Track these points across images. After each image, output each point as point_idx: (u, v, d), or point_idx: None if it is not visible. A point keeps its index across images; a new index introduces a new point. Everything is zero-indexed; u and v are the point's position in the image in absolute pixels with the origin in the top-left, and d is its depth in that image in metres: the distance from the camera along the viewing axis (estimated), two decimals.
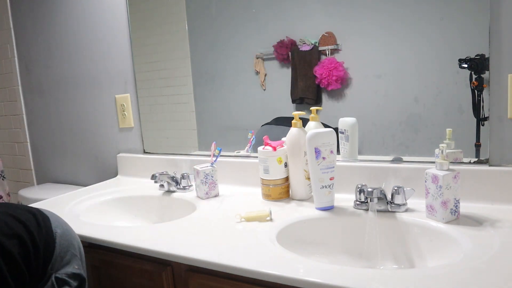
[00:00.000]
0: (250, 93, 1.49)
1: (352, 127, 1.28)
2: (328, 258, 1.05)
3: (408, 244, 1.01)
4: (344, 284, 0.74)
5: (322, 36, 1.33)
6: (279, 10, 1.39)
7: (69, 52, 1.94)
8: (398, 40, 1.21)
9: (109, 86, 1.83)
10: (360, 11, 1.25)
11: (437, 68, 1.16)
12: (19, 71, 2.17)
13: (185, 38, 1.60)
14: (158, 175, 1.46)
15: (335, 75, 1.31)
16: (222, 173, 1.46)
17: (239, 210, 1.17)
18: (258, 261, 0.86)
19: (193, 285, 0.96)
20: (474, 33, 1.10)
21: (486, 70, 1.08)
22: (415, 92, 1.20)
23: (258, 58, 1.46)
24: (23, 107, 2.21)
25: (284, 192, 1.27)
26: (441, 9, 1.13)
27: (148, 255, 1.00)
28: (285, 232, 1.04)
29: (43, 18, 2.00)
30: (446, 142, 1.14)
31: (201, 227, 1.10)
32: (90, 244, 1.13)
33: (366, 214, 1.08)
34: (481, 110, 1.10)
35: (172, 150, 1.70)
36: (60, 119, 2.06)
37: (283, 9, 1.37)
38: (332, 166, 1.12)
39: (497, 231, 0.91)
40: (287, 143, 1.24)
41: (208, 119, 1.62)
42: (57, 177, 2.15)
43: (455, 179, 0.98)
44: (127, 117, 1.80)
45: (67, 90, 2.00)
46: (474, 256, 0.81)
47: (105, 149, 1.91)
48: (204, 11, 1.54)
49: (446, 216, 0.98)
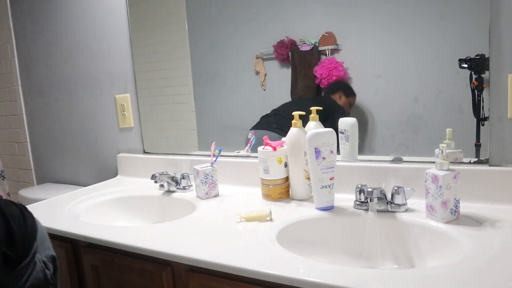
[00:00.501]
0: (250, 93, 1.49)
1: (352, 127, 1.28)
2: (328, 258, 1.05)
3: (408, 244, 1.01)
4: (344, 284, 0.74)
5: (322, 36, 1.33)
6: (279, 10, 1.39)
7: (69, 52, 1.94)
8: (398, 40, 1.21)
9: (109, 86, 1.83)
10: (360, 11, 1.25)
11: (437, 68, 1.16)
12: (19, 71, 2.17)
13: (185, 38, 1.60)
14: (158, 175, 1.46)
15: (335, 75, 1.31)
16: (222, 173, 1.46)
17: (239, 210, 1.17)
18: (258, 261, 0.86)
19: (193, 285, 0.96)
20: (474, 33, 1.10)
21: (486, 70, 1.08)
22: (415, 92, 1.20)
23: (258, 58, 1.46)
24: (23, 107, 2.21)
25: (284, 192, 1.27)
26: (441, 9, 1.13)
27: (148, 255, 1.00)
28: (285, 232, 1.04)
29: (43, 18, 2.00)
30: (446, 142, 1.14)
31: (201, 227, 1.10)
32: (90, 244, 1.13)
33: (366, 214, 1.08)
34: (481, 110, 1.10)
35: (172, 150, 1.70)
36: (60, 119, 2.06)
37: (283, 9, 1.37)
38: (332, 166, 1.12)
39: (497, 231, 0.91)
40: (287, 143, 1.24)
41: (208, 119, 1.62)
42: (57, 177, 2.15)
43: (455, 179, 0.98)
44: (127, 117, 1.80)
45: (67, 90, 2.00)
46: (474, 256, 0.81)
47: (105, 149, 1.91)
48: (204, 11, 1.54)
49: (446, 216, 0.98)
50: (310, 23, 1.35)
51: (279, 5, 1.38)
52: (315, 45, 1.34)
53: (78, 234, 1.13)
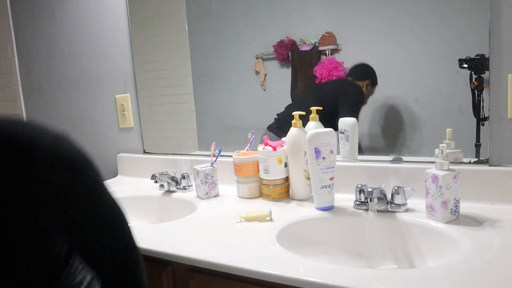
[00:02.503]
0: (250, 93, 1.49)
1: (352, 127, 1.28)
2: (328, 258, 1.05)
3: (408, 244, 1.01)
4: (344, 284, 0.74)
5: (322, 36, 1.33)
6: (279, 10, 1.39)
7: (69, 52, 1.94)
8: (398, 40, 1.21)
9: (109, 86, 1.83)
10: (360, 11, 1.25)
11: (437, 68, 1.16)
12: (19, 71, 2.17)
13: (185, 38, 1.60)
14: (158, 175, 1.46)
15: (335, 75, 1.31)
16: (222, 173, 1.46)
17: (239, 210, 1.17)
18: (258, 261, 0.86)
19: (193, 285, 0.96)
20: (474, 33, 1.10)
21: (486, 70, 1.08)
22: (415, 92, 1.20)
23: (258, 58, 1.46)
24: (23, 107, 2.21)
25: (284, 192, 1.27)
26: (441, 9, 1.14)
27: (148, 255, 1.00)
28: (285, 232, 1.04)
29: (43, 18, 2.00)
30: (446, 142, 1.14)
31: (201, 227, 1.10)
32: None
33: (366, 214, 1.08)
34: (481, 110, 1.10)
35: (172, 150, 1.70)
36: (60, 119, 2.06)
37: (283, 9, 1.38)
38: (332, 166, 1.12)
39: (497, 231, 0.91)
40: (287, 143, 1.24)
41: (208, 119, 1.62)
42: None
43: (455, 179, 0.98)
44: (127, 117, 1.80)
45: (67, 90, 2.00)
46: (474, 256, 0.81)
47: (105, 149, 1.91)
48: (205, 11, 1.54)
49: (446, 216, 0.98)
50: (310, 23, 1.35)
51: (279, 5, 1.38)
52: (315, 45, 1.34)
53: None
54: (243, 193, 1.32)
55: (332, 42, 1.31)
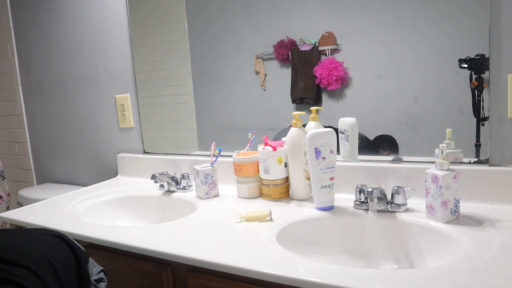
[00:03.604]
0: (250, 93, 1.49)
1: (352, 127, 1.28)
2: (328, 258, 1.05)
3: (408, 244, 1.01)
4: (344, 284, 0.74)
5: (322, 36, 1.33)
6: (279, 10, 1.39)
7: (69, 52, 1.94)
8: (398, 40, 1.21)
9: (109, 86, 1.83)
10: (360, 11, 1.25)
11: (437, 68, 1.16)
12: (19, 71, 2.17)
13: (185, 38, 1.60)
14: (158, 175, 1.46)
15: (335, 75, 1.31)
16: (222, 173, 1.46)
17: (239, 210, 1.17)
18: (258, 261, 0.86)
19: (193, 285, 0.96)
20: (474, 33, 1.10)
21: (486, 70, 1.08)
22: (415, 92, 1.20)
23: (258, 58, 1.46)
24: (23, 107, 2.21)
25: (284, 192, 1.27)
26: (441, 9, 1.13)
27: (148, 255, 1.00)
28: (285, 232, 1.04)
29: (43, 18, 2.00)
30: (446, 142, 1.14)
31: (201, 227, 1.10)
32: (90, 244, 1.13)
33: (366, 214, 1.08)
34: (481, 110, 1.10)
35: (172, 150, 1.70)
36: (60, 119, 2.06)
37: (283, 9, 1.37)
38: (332, 166, 1.12)
39: (497, 231, 0.91)
40: (287, 143, 1.24)
41: (208, 119, 1.62)
42: (57, 177, 2.15)
43: (455, 179, 0.98)
44: (127, 117, 1.80)
45: (67, 90, 2.00)
46: (474, 256, 0.81)
47: (105, 149, 1.91)
48: (204, 11, 1.54)
49: (446, 216, 0.98)
50: (310, 23, 1.35)
51: (279, 5, 1.38)
52: (315, 45, 1.34)
53: (78, 234, 1.13)
54: (243, 193, 1.32)
55: (332, 42, 1.31)
